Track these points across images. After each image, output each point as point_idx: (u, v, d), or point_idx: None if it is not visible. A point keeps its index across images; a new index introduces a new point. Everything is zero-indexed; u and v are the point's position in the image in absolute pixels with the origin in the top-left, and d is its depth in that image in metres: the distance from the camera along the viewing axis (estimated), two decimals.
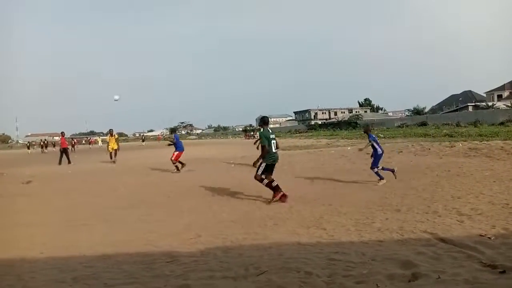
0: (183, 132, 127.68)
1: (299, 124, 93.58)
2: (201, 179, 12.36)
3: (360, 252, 4.63)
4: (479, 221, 5.81)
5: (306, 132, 65.60)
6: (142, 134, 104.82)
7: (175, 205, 8.52)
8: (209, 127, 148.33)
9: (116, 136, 22.20)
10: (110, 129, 21.76)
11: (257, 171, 8.40)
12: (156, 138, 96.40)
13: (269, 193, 8.39)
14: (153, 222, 7.01)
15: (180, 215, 7.42)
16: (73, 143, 45.12)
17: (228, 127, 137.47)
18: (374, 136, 10.36)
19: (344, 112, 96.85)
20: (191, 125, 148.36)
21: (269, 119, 9.63)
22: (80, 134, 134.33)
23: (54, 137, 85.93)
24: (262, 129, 8.48)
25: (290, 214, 7.03)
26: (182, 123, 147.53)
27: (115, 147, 21.55)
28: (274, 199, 8.11)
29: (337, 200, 8.02)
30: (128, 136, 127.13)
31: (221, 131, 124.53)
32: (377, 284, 3.53)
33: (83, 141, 78.21)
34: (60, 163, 21.10)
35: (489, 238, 4.82)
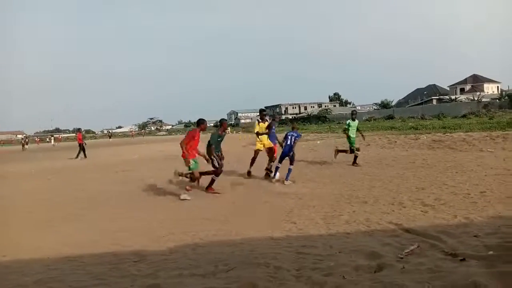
0: (152, 128, 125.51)
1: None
2: (171, 177, 12.19)
3: (328, 244, 4.71)
4: (442, 211, 6.02)
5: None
6: (109, 131, 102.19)
7: (145, 202, 8.38)
8: (180, 122, 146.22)
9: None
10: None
11: None
12: (127, 134, 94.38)
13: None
14: (121, 220, 6.88)
15: (150, 213, 7.31)
16: (23, 142, 44.06)
17: None
18: (294, 132, 10.06)
19: (313, 107, 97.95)
20: (160, 121, 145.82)
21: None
22: (45, 132, 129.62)
23: (18, 135, 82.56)
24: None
25: (261, 209, 7.06)
26: (151, 118, 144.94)
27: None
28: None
29: (306, 194, 8.14)
30: (96, 133, 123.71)
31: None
32: (343, 276, 3.60)
33: (47, 139, 75.05)
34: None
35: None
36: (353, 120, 12.56)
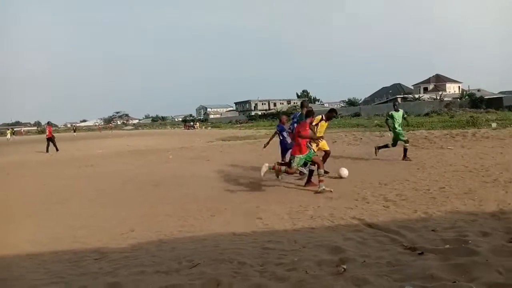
0: (118, 123, 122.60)
1: (240, 114, 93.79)
2: (137, 172, 11.97)
3: (293, 239, 4.75)
4: (403, 206, 6.20)
5: (247, 122, 65.95)
6: (73, 125, 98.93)
7: (108, 198, 8.18)
8: (147, 117, 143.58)
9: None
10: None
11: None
12: (93, 129, 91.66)
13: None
14: (84, 217, 6.68)
15: (113, 209, 7.14)
16: None
17: (167, 117, 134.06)
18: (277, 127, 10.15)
19: (283, 103, 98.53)
20: (127, 115, 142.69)
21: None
22: (3, 124, 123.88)
23: None
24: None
25: (227, 205, 7.03)
26: (117, 113, 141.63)
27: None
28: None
29: (273, 189, 8.19)
30: (59, 127, 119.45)
31: (159, 121, 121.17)
32: (306, 271, 3.64)
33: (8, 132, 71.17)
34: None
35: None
36: (396, 110, 11.55)
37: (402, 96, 62.69)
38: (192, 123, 70.16)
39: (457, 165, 9.60)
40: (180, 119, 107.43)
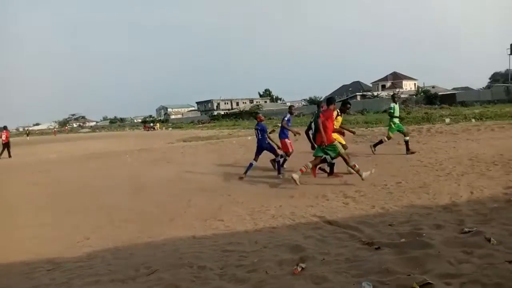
0: (74, 126, 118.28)
1: (202, 114, 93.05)
2: (93, 176, 11.56)
3: (254, 240, 4.72)
4: (361, 202, 6.32)
5: (209, 122, 65.49)
6: (26, 129, 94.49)
7: (61, 206, 7.82)
8: (104, 119, 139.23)
9: None
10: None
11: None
12: (48, 132, 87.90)
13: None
14: (35, 226, 6.34)
15: (67, 217, 6.83)
16: None
17: (125, 118, 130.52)
18: (258, 125, 9.65)
19: (245, 103, 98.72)
20: (83, 117, 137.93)
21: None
22: None
23: None
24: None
25: (188, 208, 6.91)
26: (73, 115, 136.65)
27: None
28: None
29: (236, 190, 8.12)
30: (10, 131, 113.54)
31: (118, 123, 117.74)
32: (266, 271, 3.62)
33: None
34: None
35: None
36: (395, 103, 11.62)
37: (361, 93, 64.45)
38: (152, 124, 68.86)
39: (413, 160, 9.92)
40: (140, 120, 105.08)
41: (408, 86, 74.88)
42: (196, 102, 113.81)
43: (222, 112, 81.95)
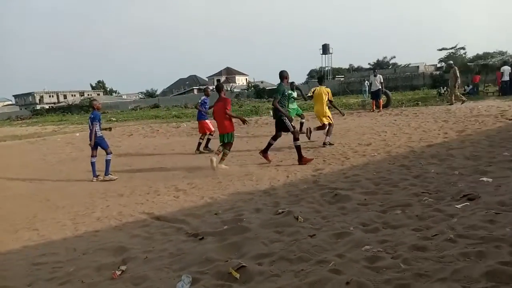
0: None
1: (21, 109, 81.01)
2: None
3: (72, 248, 4.32)
4: (192, 194, 6.42)
5: (30, 118, 57.44)
6: None
7: None
8: None
9: None
10: None
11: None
12: None
13: None
14: None
15: None
16: None
17: None
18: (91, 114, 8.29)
19: (75, 95, 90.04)
20: None
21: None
22: None
23: None
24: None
25: None
26: None
27: None
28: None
29: (56, 194, 7.32)
30: None
31: None
32: (82, 280, 3.34)
33: None
34: None
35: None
36: (293, 90, 12.32)
37: (197, 87, 65.66)
38: None
39: (242, 150, 10.54)
40: None
41: (240, 81, 79.61)
42: (14, 96, 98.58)
43: (47, 106, 73.03)
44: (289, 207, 4.90)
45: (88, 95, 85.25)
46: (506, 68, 19.42)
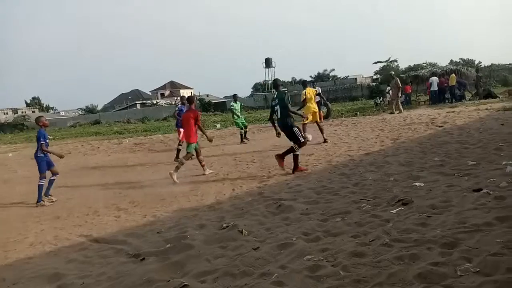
0: None
1: None
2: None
3: (1, 278, 3.99)
4: (134, 213, 6.21)
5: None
6: None
7: None
8: None
9: None
10: None
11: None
12: None
13: None
14: None
15: None
16: None
17: None
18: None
19: (7, 113, 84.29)
20: None
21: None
22: None
23: None
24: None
25: None
26: None
27: None
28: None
29: None
30: None
31: None
32: None
33: None
34: None
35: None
36: (236, 102, 14.29)
37: (141, 102, 64.10)
38: None
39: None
40: None
41: (185, 95, 78.82)
42: None
43: None
44: (234, 220, 4.90)
45: (22, 112, 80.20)
46: (434, 79, 21.03)
